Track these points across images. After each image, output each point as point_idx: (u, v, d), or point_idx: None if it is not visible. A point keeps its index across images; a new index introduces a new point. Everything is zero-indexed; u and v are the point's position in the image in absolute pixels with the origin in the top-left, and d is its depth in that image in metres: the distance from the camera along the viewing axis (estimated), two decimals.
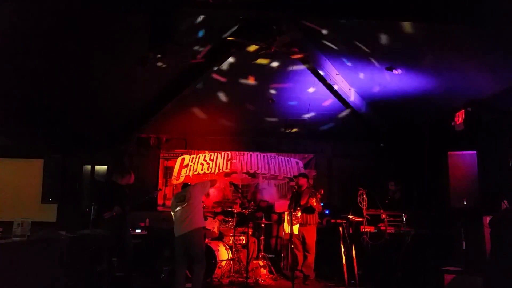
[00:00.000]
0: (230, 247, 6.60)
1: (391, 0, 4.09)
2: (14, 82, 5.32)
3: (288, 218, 6.33)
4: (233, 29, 5.46)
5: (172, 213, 5.50)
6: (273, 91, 6.93)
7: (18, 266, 3.90)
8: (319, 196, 6.46)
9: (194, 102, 7.19)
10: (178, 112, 7.36)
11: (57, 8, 4.16)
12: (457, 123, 5.20)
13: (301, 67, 6.33)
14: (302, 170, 7.94)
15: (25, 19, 4.25)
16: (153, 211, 7.83)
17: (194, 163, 8.18)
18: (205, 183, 5.84)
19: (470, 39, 4.49)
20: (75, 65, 5.38)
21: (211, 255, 6.17)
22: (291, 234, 6.16)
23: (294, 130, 7.92)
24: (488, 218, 4.74)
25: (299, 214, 6.51)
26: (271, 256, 7.13)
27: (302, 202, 6.62)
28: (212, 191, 8.01)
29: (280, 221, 7.73)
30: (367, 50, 5.52)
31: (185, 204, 5.28)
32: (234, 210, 6.75)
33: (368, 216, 6.17)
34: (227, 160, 8.21)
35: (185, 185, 5.89)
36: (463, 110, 5.08)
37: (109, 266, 5.55)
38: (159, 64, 5.85)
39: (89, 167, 7.83)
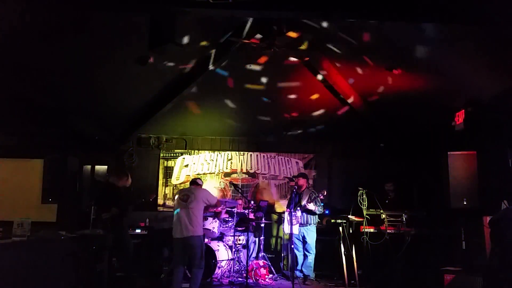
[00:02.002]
0: (230, 247, 6.61)
1: (392, 0, 4.09)
2: (14, 81, 5.32)
3: (288, 218, 6.33)
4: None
5: (174, 210, 5.43)
6: (273, 91, 6.93)
7: (18, 266, 3.90)
8: (321, 197, 6.46)
9: (194, 102, 7.20)
10: (178, 112, 7.37)
11: (57, 7, 4.16)
12: (457, 123, 5.19)
13: (301, 66, 6.33)
14: (302, 170, 7.94)
15: (25, 18, 4.25)
16: (153, 211, 7.83)
17: (194, 163, 8.18)
18: (214, 198, 5.59)
19: (471, 39, 4.49)
20: (75, 64, 5.38)
21: (211, 255, 6.18)
22: (291, 234, 6.16)
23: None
24: (488, 218, 4.75)
25: (299, 214, 6.52)
26: (271, 256, 7.13)
27: (303, 203, 6.63)
28: (212, 191, 8.01)
29: (280, 221, 7.74)
30: (367, 49, 5.52)
31: (187, 207, 5.22)
32: (235, 210, 6.76)
33: (368, 216, 6.18)
34: (227, 160, 8.21)
35: (192, 182, 5.77)
36: (463, 110, 5.08)
37: (109, 266, 5.56)
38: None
39: (89, 167, 7.83)
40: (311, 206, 6.43)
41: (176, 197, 5.50)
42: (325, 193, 6.49)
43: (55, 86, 5.73)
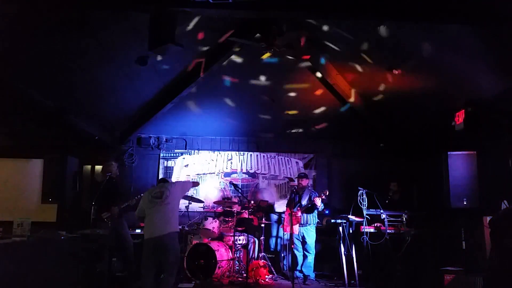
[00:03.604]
0: (230, 247, 6.60)
1: (391, 0, 4.09)
2: (14, 81, 5.32)
3: (288, 218, 6.33)
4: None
5: (143, 210, 4.85)
6: (273, 91, 6.94)
7: (18, 266, 3.90)
8: (322, 197, 6.47)
9: (194, 102, 7.21)
10: (178, 112, 7.36)
11: (57, 6, 4.16)
12: (457, 123, 5.19)
13: (301, 67, 6.34)
14: (302, 170, 7.94)
15: (24, 17, 4.25)
16: None
17: (194, 163, 8.18)
18: (186, 183, 5.31)
19: (470, 39, 4.49)
20: (75, 64, 5.38)
21: (211, 255, 6.17)
22: (291, 234, 6.16)
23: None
24: (488, 218, 4.75)
25: (299, 214, 6.52)
26: (271, 256, 7.13)
27: (303, 203, 6.63)
28: (212, 191, 8.01)
29: (280, 221, 7.74)
30: (366, 49, 5.52)
31: (161, 203, 4.71)
32: (234, 210, 6.75)
33: (368, 216, 6.18)
34: (227, 160, 8.20)
35: (162, 180, 5.30)
36: (463, 110, 5.08)
37: (109, 266, 5.56)
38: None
39: (89, 167, 7.84)
40: (317, 202, 6.42)
41: (146, 196, 4.91)
42: (327, 193, 6.49)
43: (55, 86, 5.74)
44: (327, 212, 6.94)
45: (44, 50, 4.91)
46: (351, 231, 6.33)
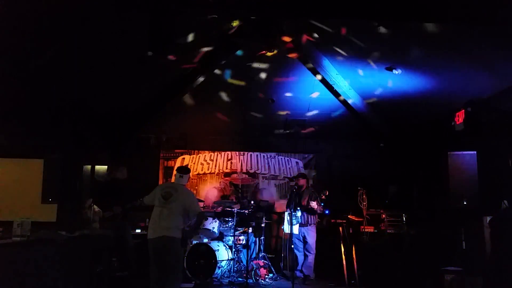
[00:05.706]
0: (230, 247, 6.60)
1: (392, 0, 4.10)
2: (14, 81, 5.33)
3: (288, 218, 6.33)
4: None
5: (151, 201, 4.73)
6: (273, 91, 6.94)
7: (18, 266, 3.90)
8: (323, 197, 6.45)
9: (194, 101, 7.21)
10: (178, 112, 7.36)
11: (57, 7, 4.16)
12: (457, 123, 5.20)
13: (301, 66, 6.34)
14: (302, 170, 7.94)
15: (24, 17, 4.25)
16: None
17: (194, 163, 8.18)
18: (198, 207, 4.76)
19: (470, 39, 4.49)
20: (75, 64, 5.38)
21: (211, 255, 6.17)
22: (291, 234, 6.16)
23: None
24: (488, 218, 4.75)
25: (299, 214, 6.52)
26: (271, 256, 7.13)
27: (303, 203, 6.62)
28: (212, 191, 8.01)
29: (280, 221, 7.73)
30: (367, 50, 5.51)
31: (166, 205, 4.57)
32: (234, 210, 6.75)
33: (368, 216, 6.18)
34: (227, 160, 8.20)
35: (181, 169, 4.96)
36: (463, 110, 5.08)
37: (109, 266, 5.55)
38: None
39: (89, 167, 7.83)
40: (314, 205, 6.42)
41: (158, 190, 4.78)
42: (327, 193, 6.48)
43: (55, 86, 5.74)
44: (327, 212, 6.93)
45: (44, 51, 4.91)
46: (351, 231, 6.32)
